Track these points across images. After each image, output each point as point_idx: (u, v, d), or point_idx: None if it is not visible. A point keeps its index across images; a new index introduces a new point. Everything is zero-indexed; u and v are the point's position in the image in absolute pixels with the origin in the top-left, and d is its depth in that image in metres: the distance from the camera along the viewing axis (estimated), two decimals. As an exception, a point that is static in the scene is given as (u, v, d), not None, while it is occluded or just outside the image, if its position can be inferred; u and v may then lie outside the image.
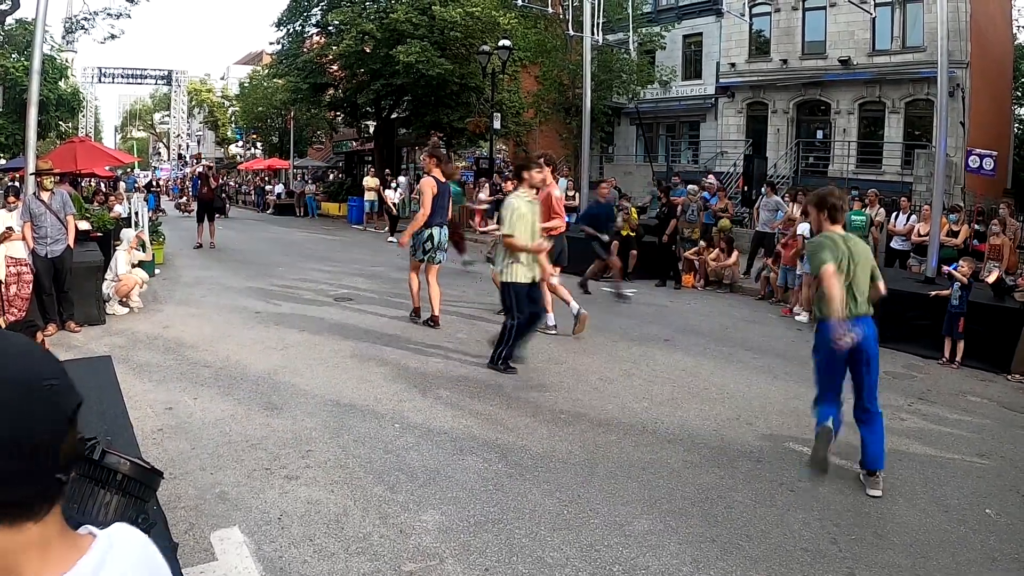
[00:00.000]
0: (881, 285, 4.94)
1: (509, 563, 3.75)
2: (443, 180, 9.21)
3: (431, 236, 8.97)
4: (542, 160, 9.14)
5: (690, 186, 16.06)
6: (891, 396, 7.12)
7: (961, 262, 8.75)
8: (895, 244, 13.56)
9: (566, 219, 9.51)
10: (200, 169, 22.57)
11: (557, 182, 17.27)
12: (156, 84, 68.74)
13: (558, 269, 9.41)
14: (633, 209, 14.39)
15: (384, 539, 3.95)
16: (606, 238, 11.56)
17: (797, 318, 10.90)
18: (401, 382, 6.81)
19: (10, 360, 0.89)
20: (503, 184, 14.15)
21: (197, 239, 17.47)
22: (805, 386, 7.25)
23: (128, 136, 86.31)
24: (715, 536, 4.11)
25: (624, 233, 13.82)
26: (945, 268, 9.46)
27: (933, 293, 8.92)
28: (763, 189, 14.97)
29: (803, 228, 11.42)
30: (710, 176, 18.08)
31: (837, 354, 4.59)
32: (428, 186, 8.93)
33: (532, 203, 7.28)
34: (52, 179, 8.77)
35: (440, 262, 9.23)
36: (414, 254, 9.23)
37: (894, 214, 13.95)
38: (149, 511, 2.47)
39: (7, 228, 8.13)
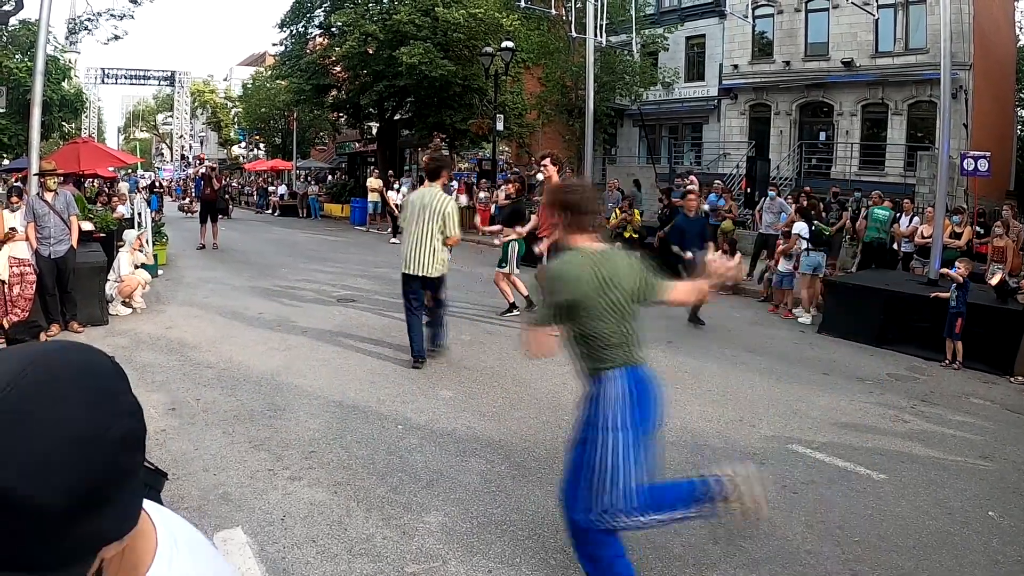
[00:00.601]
0: (672, 295, 3.54)
1: (512, 564, 3.76)
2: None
3: None
4: (548, 159, 9.17)
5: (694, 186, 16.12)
6: (894, 398, 7.13)
7: (958, 263, 8.77)
8: (898, 246, 13.56)
9: None
10: (203, 170, 22.63)
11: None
12: (159, 85, 68.99)
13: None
14: (636, 211, 14.39)
15: (387, 540, 3.95)
16: (689, 255, 9.89)
17: (800, 320, 10.90)
18: (404, 383, 6.82)
19: (101, 356, 0.87)
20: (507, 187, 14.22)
21: (200, 240, 17.49)
22: (808, 388, 7.31)
23: (131, 137, 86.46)
24: (718, 538, 4.11)
25: (627, 235, 13.84)
26: (942, 269, 9.47)
27: (933, 294, 8.92)
28: (769, 191, 14.94)
29: (799, 227, 11.36)
30: (691, 177, 18.02)
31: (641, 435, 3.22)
32: None
33: None
34: (56, 179, 8.79)
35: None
36: None
37: (897, 216, 13.95)
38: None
39: (10, 229, 8.15)
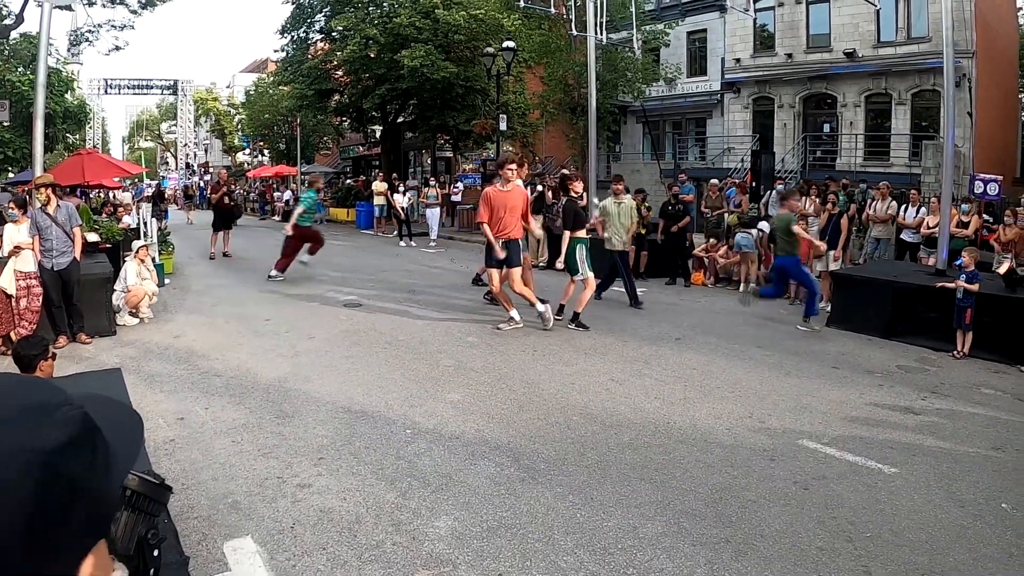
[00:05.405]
0: None
1: (523, 568, 3.74)
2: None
3: None
4: (514, 163, 9.84)
5: (712, 180, 16.27)
6: (904, 390, 7.09)
7: (965, 252, 8.72)
8: (905, 236, 13.37)
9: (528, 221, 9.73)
10: (209, 178, 22.75)
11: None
12: (162, 94, 68.87)
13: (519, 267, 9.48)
14: (645, 206, 14.35)
15: (397, 546, 3.94)
16: None
17: (821, 308, 11.02)
18: (411, 387, 6.81)
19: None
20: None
21: (211, 249, 17.42)
22: (817, 382, 7.27)
23: (136, 146, 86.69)
24: (729, 537, 4.09)
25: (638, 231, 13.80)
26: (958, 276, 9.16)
27: (939, 284, 8.87)
28: (777, 186, 14.89)
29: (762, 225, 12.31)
30: (683, 175, 17.96)
31: None
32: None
33: None
34: (46, 192, 8.51)
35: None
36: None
37: (903, 207, 13.81)
38: (159, 526, 2.46)
39: (15, 246, 8.17)
